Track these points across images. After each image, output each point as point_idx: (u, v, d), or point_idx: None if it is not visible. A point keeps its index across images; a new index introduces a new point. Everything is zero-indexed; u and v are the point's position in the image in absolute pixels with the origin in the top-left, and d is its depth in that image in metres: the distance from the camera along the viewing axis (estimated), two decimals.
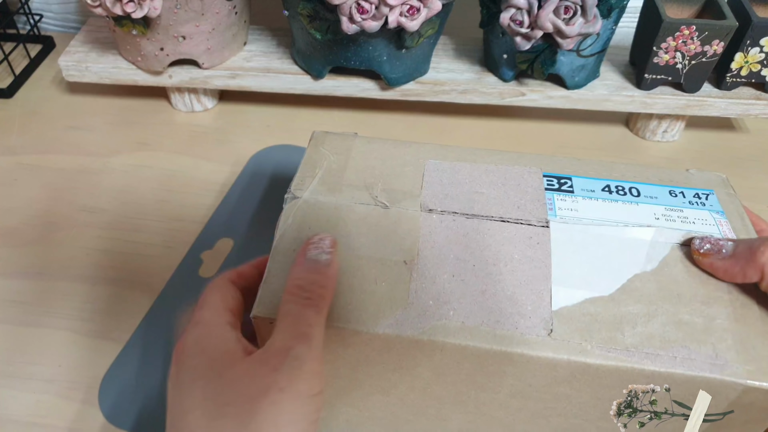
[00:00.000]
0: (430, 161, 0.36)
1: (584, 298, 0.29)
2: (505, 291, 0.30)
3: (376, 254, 0.31)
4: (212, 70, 0.55)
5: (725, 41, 0.49)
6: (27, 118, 0.58)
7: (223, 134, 0.57)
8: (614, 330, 0.29)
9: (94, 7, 0.48)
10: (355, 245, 0.31)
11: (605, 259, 0.31)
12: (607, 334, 0.28)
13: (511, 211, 0.33)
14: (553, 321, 0.29)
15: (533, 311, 0.29)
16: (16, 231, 0.48)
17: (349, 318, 0.29)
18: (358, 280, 0.30)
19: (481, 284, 0.30)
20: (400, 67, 0.52)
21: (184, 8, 0.49)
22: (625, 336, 0.28)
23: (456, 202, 0.33)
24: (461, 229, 0.32)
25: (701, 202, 0.34)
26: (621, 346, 0.28)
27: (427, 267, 0.30)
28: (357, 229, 0.32)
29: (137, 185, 0.52)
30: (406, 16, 0.46)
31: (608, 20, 0.49)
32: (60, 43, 0.66)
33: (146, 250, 0.46)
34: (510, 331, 0.28)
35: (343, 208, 0.33)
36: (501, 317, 0.29)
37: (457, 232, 0.32)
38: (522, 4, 0.47)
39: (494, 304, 0.29)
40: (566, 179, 0.35)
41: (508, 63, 0.53)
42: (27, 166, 0.53)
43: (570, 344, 0.28)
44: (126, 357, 0.40)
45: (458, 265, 0.30)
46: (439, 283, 0.30)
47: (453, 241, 0.31)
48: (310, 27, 0.49)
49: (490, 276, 0.30)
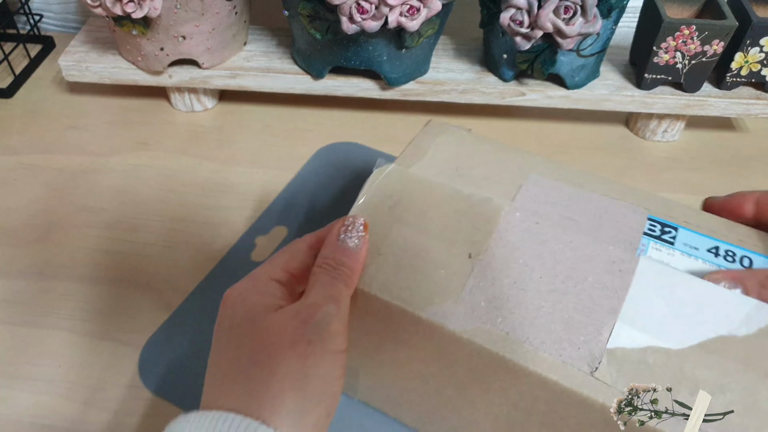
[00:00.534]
0: (533, 175, 0.34)
1: (648, 345, 0.26)
2: (563, 312, 0.27)
3: (446, 239, 0.30)
4: (212, 70, 0.55)
5: (725, 41, 0.49)
6: (27, 118, 0.58)
7: (223, 134, 0.57)
8: (677, 387, 0.26)
9: (94, 7, 0.48)
10: (429, 225, 0.31)
11: (690, 310, 0.27)
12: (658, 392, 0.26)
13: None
14: (602, 359, 0.26)
15: (585, 342, 0.27)
16: (16, 231, 0.48)
17: (400, 294, 0.29)
18: (421, 261, 0.30)
19: (540, 299, 0.28)
20: (400, 67, 0.52)
21: (184, 8, 0.49)
22: (680, 397, 0.25)
23: (544, 220, 0.31)
24: (541, 235, 0.30)
25: None
26: (674, 409, 0.25)
27: (490, 266, 0.29)
28: (436, 210, 0.31)
29: (137, 185, 0.52)
30: (406, 16, 0.46)
31: (608, 20, 0.49)
32: (60, 43, 0.66)
33: (146, 249, 0.46)
34: (551, 357, 0.27)
35: (428, 186, 0.33)
36: (548, 339, 0.27)
37: (534, 238, 0.30)
38: (522, 4, 0.47)
39: (546, 323, 0.27)
40: (671, 228, 0.32)
41: (508, 63, 0.53)
42: (27, 166, 0.53)
43: (611, 389, 0.26)
44: (172, 328, 0.41)
45: (524, 272, 0.29)
46: (497, 286, 0.28)
47: (527, 245, 0.29)
48: (310, 27, 0.49)
49: (553, 292, 0.28)
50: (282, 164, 0.53)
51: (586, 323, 0.27)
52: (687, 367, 0.26)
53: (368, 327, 0.31)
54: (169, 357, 0.40)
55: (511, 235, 0.30)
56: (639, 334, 0.27)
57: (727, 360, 0.26)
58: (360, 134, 0.57)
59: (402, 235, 0.31)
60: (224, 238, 0.47)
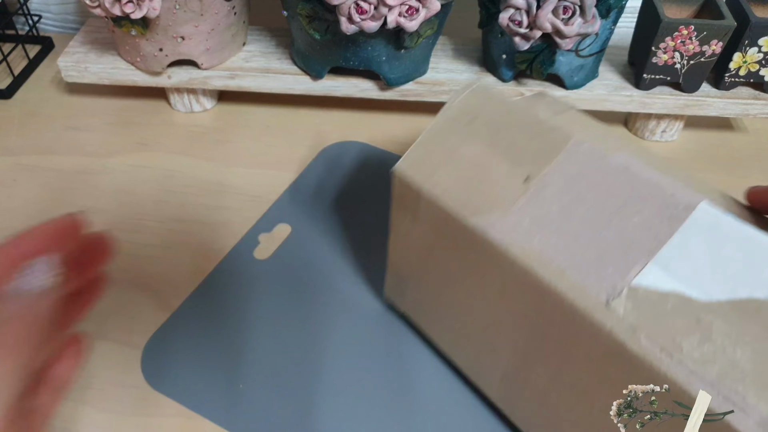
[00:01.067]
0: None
1: (673, 290, 0.26)
2: (600, 243, 0.28)
3: (511, 158, 0.31)
4: (211, 71, 0.55)
5: (724, 41, 0.49)
6: (26, 118, 0.58)
7: (222, 134, 0.57)
8: (680, 334, 0.25)
9: (93, 7, 0.48)
10: (499, 142, 0.32)
11: (734, 267, 0.26)
12: (668, 336, 0.25)
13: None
14: (622, 293, 0.26)
15: (611, 275, 0.27)
16: (14, 232, 0.48)
17: (455, 202, 0.31)
18: (482, 174, 0.31)
19: (582, 228, 0.28)
20: (399, 68, 0.52)
21: (183, 9, 0.49)
22: (686, 346, 0.25)
23: (610, 157, 0.31)
24: (601, 170, 0.29)
25: None
26: (675, 351, 0.25)
27: (543, 190, 0.30)
28: (508, 129, 0.32)
29: (136, 186, 0.52)
30: (404, 16, 0.46)
31: (607, 20, 0.49)
32: (59, 44, 0.66)
33: (145, 250, 0.46)
34: (576, 282, 0.27)
35: (508, 107, 0.34)
36: (577, 264, 0.27)
37: (595, 171, 0.29)
38: (521, 5, 0.47)
39: (580, 250, 0.28)
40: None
41: (507, 63, 0.53)
42: (26, 167, 0.53)
43: (621, 322, 0.26)
44: (174, 325, 0.42)
45: (574, 201, 0.29)
46: (544, 209, 0.29)
47: (585, 176, 0.29)
48: (309, 27, 0.49)
49: (596, 225, 0.28)
50: (281, 164, 0.53)
51: (618, 258, 0.27)
52: (704, 317, 0.25)
53: (424, 232, 0.34)
54: (173, 355, 0.40)
55: (573, 166, 0.30)
56: (667, 278, 0.26)
57: (751, 323, 0.24)
58: (359, 134, 0.57)
59: (472, 149, 0.32)
60: (224, 239, 0.47)
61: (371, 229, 0.47)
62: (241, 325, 0.41)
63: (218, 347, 0.40)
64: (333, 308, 0.43)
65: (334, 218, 0.49)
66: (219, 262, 0.45)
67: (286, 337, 0.41)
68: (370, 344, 0.40)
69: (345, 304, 0.43)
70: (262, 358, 0.40)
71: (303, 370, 0.39)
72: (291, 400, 0.38)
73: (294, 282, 0.44)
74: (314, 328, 0.41)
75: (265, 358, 0.40)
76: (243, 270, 0.45)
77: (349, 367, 0.39)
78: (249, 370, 0.39)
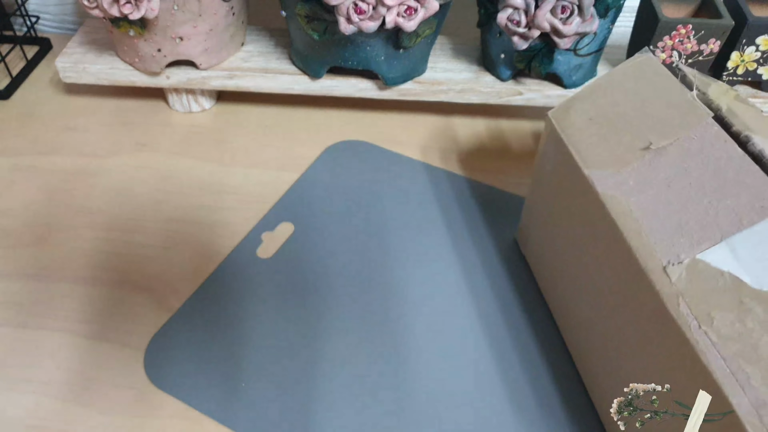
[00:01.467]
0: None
1: (730, 270, 0.27)
2: (684, 215, 0.29)
3: (646, 123, 0.34)
4: (210, 71, 0.55)
5: (721, 40, 0.49)
6: (24, 119, 0.58)
7: (220, 135, 0.57)
8: (718, 309, 0.26)
9: (91, 8, 0.48)
10: (644, 106, 0.34)
11: None
12: (705, 307, 0.26)
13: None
14: (684, 261, 0.28)
15: (681, 244, 0.28)
16: (13, 233, 0.48)
17: (582, 151, 0.34)
18: (613, 132, 0.34)
19: (675, 199, 0.30)
20: (398, 67, 0.52)
21: (182, 9, 0.49)
22: (717, 321, 0.26)
23: (732, 144, 0.31)
24: (719, 152, 0.30)
25: None
26: (704, 322, 0.26)
27: (659, 160, 0.31)
28: (657, 98, 0.34)
29: (135, 186, 0.52)
30: (403, 16, 0.46)
31: (605, 19, 0.49)
32: (57, 45, 0.66)
33: (144, 251, 0.46)
34: (648, 243, 0.29)
35: (663, 78, 0.36)
36: (658, 227, 0.29)
37: (713, 153, 0.30)
38: (519, 4, 0.47)
39: (665, 216, 0.30)
40: None
41: (505, 62, 0.53)
42: (24, 168, 0.53)
43: (671, 286, 0.27)
44: (178, 323, 0.42)
45: (679, 174, 0.31)
46: (651, 176, 0.31)
47: (701, 155, 0.31)
48: (308, 27, 0.49)
49: (689, 199, 0.30)
50: (280, 164, 0.53)
51: (695, 232, 0.29)
52: (747, 301, 0.26)
53: (553, 172, 0.37)
54: (176, 354, 0.40)
55: (695, 143, 0.32)
56: (731, 259, 0.27)
57: None
58: (358, 134, 0.57)
59: (617, 110, 0.35)
60: (223, 239, 0.47)
61: (375, 227, 0.47)
62: (244, 323, 0.41)
63: (221, 346, 0.40)
64: (336, 306, 0.43)
65: (337, 216, 0.49)
66: (221, 262, 0.45)
67: (289, 336, 0.41)
68: (371, 344, 0.41)
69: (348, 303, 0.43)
70: (265, 356, 0.40)
71: (306, 368, 0.39)
72: (294, 399, 0.38)
73: (297, 280, 0.44)
74: (317, 327, 0.41)
75: (268, 357, 0.40)
76: (246, 268, 0.45)
77: (352, 365, 0.39)
78: (252, 368, 0.39)
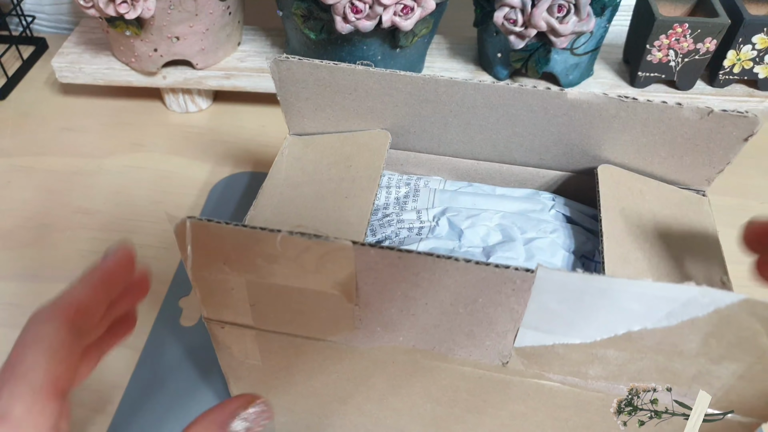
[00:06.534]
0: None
1: (555, 342, 0.26)
2: (462, 328, 0.26)
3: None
4: (206, 71, 0.55)
5: (718, 39, 0.49)
6: (20, 119, 0.58)
7: (217, 135, 0.57)
8: (581, 365, 0.26)
9: (87, 8, 0.48)
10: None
11: (597, 311, 0.25)
12: (571, 368, 0.26)
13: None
14: (512, 354, 0.26)
15: (491, 346, 0.26)
16: (10, 233, 0.48)
17: (298, 327, 0.28)
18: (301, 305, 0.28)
19: (435, 319, 0.27)
20: (395, 67, 0.52)
21: (178, 9, 0.49)
22: (592, 370, 0.26)
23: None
24: (410, 267, 0.26)
25: None
26: (583, 376, 0.26)
27: (368, 303, 0.27)
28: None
29: (132, 186, 0.51)
30: (400, 15, 0.46)
31: (601, 18, 0.49)
32: (53, 45, 0.66)
33: (141, 251, 0.46)
34: (465, 357, 0.27)
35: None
36: (454, 346, 0.27)
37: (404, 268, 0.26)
38: (516, 3, 0.47)
39: (448, 336, 0.27)
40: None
41: (502, 62, 0.53)
42: (20, 168, 0.53)
43: (525, 371, 0.27)
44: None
45: (408, 301, 0.26)
46: (386, 314, 0.27)
47: (399, 278, 0.26)
48: (304, 27, 0.49)
49: (445, 313, 0.26)
50: None
51: (488, 332, 0.26)
52: (597, 351, 0.26)
53: (275, 364, 0.30)
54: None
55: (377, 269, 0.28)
56: (544, 336, 0.26)
57: (638, 344, 0.25)
58: None
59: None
60: None
61: None
62: None
63: None
64: None
65: None
66: None
67: None
68: None
69: None
70: None
71: None
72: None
73: None
74: None
75: None
76: None
77: None
78: None
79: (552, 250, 0.34)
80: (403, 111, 0.36)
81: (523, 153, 0.37)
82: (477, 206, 0.37)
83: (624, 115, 0.33)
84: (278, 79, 0.35)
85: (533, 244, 0.34)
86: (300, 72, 0.35)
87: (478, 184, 0.39)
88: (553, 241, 0.35)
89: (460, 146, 0.38)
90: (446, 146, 0.38)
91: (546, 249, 0.34)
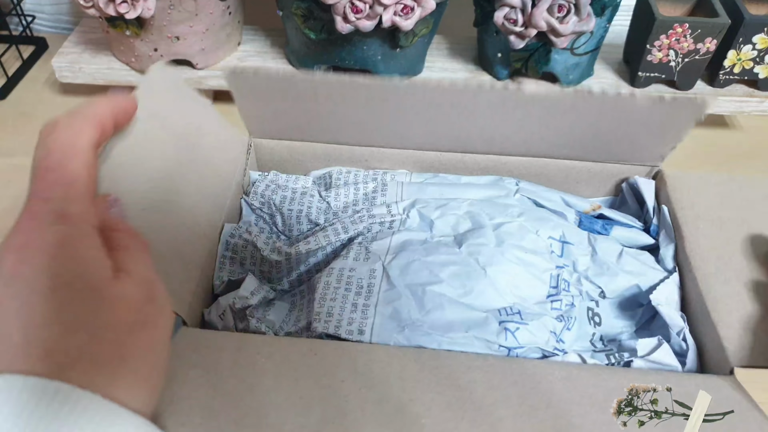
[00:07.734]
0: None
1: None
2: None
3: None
4: (206, 71, 0.55)
5: (718, 39, 0.49)
6: (20, 119, 0.58)
7: None
8: None
9: (87, 7, 0.48)
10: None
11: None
12: None
13: None
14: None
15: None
16: None
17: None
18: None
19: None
20: (395, 67, 0.52)
21: (178, 9, 0.49)
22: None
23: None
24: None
25: None
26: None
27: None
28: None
29: None
30: (400, 15, 0.46)
31: (602, 18, 0.49)
32: (53, 45, 0.66)
33: None
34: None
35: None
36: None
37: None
38: (516, 3, 0.47)
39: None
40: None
41: (502, 62, 0.53)
42: (20, 168, 0.53)
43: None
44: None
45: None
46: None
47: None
48: (304, 27, 0.49)
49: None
50: None
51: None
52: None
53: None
54: None
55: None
56: None
57: None
58: None
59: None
60: None
61: None
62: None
63: None
64: None
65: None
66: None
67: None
68: None
69: None
70: None
71: None
72: None
73: None
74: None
75: None
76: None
77: None
78: None
79: (521, 234, 0.35)
80: (363, 111, 0.36)
81: (484, 142, 0.38)
82: (444, 196, 0.38)
83: (581, 104, 0.34)
84: (236, 89, 0.36)
85: (502, 228, 0.35)
86: (256, 82, 0.36)
87: (444, 175, 0.40)
88: (522, 225, 0.36)
89: (423, 139, 0.39)
90: (409, 140, 0.39)
91: (515, 233, 0.35)
